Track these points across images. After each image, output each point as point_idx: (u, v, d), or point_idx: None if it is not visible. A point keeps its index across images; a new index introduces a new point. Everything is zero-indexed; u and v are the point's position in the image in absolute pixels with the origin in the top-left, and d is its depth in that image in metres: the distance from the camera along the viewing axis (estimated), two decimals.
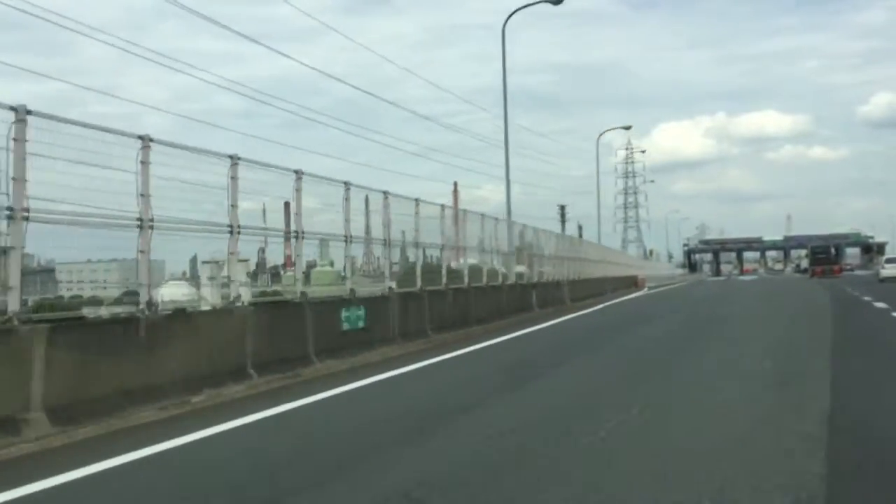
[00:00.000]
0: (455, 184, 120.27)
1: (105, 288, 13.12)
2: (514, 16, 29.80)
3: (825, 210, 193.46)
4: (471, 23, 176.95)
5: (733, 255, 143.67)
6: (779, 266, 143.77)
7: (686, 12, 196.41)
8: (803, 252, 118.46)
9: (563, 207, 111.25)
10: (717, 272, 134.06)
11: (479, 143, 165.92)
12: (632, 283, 50.68)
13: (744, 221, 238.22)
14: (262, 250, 18.30)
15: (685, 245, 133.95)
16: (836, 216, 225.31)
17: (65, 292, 12.76)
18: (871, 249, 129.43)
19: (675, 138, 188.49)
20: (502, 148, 28.13)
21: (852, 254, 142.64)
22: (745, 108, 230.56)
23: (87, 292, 13.39)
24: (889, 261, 52.46)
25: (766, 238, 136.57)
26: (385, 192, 15.33)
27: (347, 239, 13.64)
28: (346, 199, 13.59)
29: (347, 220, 13.57)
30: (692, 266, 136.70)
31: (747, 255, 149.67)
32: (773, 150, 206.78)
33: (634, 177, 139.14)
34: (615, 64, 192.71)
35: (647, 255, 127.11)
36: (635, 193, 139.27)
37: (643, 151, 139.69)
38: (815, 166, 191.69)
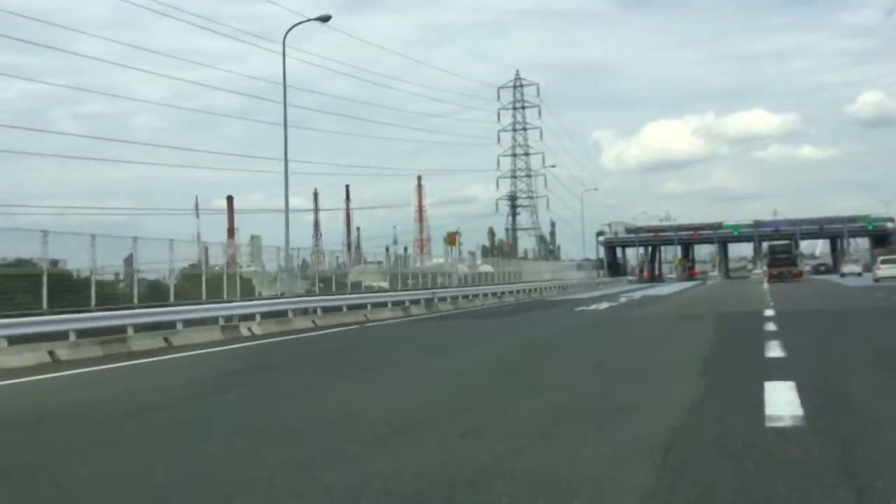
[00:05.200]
0: (419, 178, 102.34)
1: None
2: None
3: (815, 209, 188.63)
4: (464, 21, 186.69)
5: (679, 249, 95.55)
6: (750, 267, 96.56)
7: (676, 11, 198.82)
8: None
9: (513, 199, 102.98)
10: (652, 275, 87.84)
11: (472, 142, 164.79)
12: None
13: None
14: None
15: (600, 234, 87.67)
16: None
17: None
18: (888, 239, 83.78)
19: (663, 138, 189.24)
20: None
21: (857, 245, 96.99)
22: (735, 108, 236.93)
23: None
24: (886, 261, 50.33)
25: (729, 223, 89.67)
26: None
27: None
28: None
29: None
30: (615, 266, 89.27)
31: (702, 250, 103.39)
32: (762, 149, 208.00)
33: (525, 130, 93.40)
34: (605, 64, 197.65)
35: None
36: (527, 154, 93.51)
37: (536, 86, 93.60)
38: (803, 166, 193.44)
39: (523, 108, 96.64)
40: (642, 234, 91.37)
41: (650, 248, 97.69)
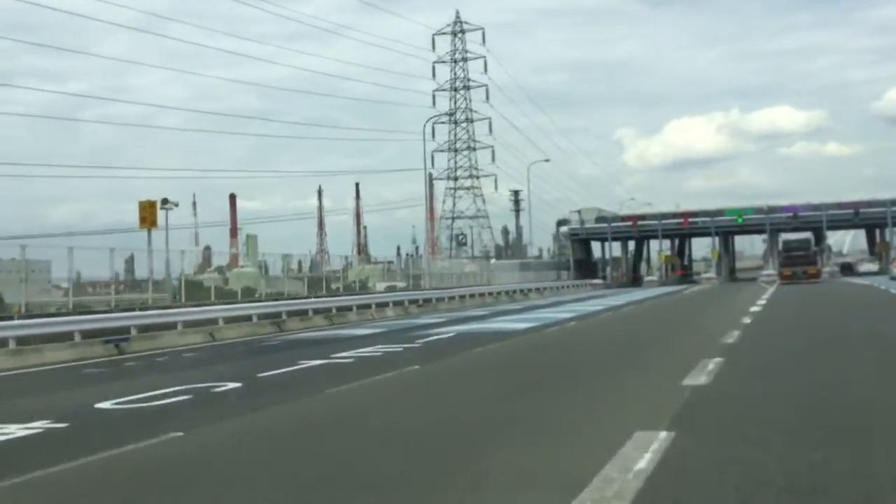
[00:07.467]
0: (429, 175, 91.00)
1: None
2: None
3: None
4: (486, 21, 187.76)
5: (668, 242, 74.45)
6: (766, 271, 74.26)
7: (700, 9, 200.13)
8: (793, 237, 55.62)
9: (517, 193, 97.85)
10: (631, 276, 66.77)
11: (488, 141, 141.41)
12: None
13: None
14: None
15: (562, 224, 66.95)
16: None
17: None
18: None
19: (687, 135, 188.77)
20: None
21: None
22: (759, 106, 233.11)
23: None
24: None
25: (732, 207, 68.43)
26: None
27: None
28: None
29: None
30: (586, 265, 68.24)
31: (701, 244, 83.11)
32: (787, 146, 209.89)
33: (468, 88, 72.87)
34: (628, 62, 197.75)
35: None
36: (469, 120, 72.97)
37: (482, 31, 73.37)
38: (830, 162, 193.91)
39: (465, 60, 76.31)
40: (616, 224, 69.93)
41: (634, 243, 76.72)
